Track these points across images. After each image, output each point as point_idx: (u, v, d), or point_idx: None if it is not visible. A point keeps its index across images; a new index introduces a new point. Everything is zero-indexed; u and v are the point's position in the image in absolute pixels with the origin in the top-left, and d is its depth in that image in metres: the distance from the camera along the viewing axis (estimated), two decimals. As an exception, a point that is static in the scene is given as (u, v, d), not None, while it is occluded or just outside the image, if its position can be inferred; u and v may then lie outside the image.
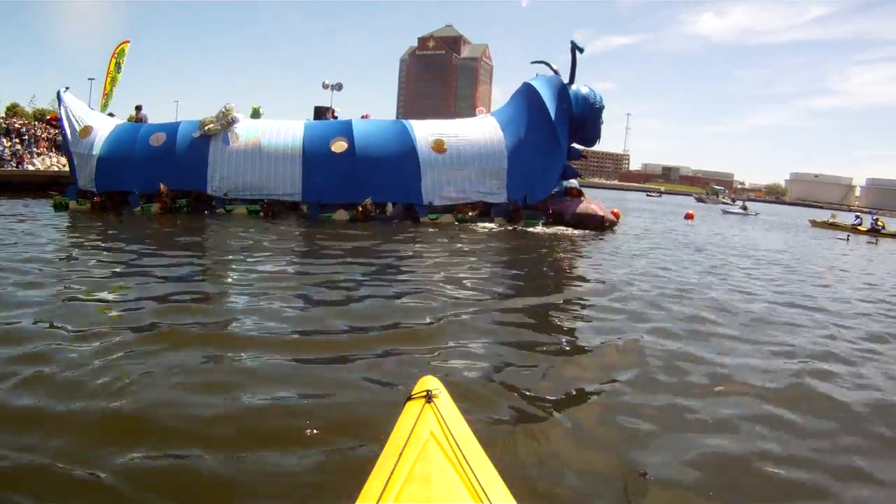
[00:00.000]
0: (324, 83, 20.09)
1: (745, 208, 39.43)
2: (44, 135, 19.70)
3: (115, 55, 16.73)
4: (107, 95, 16.45)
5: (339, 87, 20.58)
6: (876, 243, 19.56)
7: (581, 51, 13.12)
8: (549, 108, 13.11)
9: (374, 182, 12.41)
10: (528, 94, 13.69)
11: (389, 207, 12.91)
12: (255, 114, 13.95)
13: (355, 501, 1.62)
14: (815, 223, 30.09)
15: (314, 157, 12.42)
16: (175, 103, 59.60)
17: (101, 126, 12.65)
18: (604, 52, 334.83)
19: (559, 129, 13.15)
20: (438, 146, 12.84)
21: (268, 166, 12.41)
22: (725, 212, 37.82)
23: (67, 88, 12.60)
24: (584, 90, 13.43)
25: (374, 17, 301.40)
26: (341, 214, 12.44)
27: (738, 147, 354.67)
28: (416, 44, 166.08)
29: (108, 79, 16.42)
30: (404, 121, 13.87)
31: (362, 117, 14.69)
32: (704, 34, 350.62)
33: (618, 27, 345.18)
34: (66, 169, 15.32)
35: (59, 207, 11.87)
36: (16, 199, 13.21)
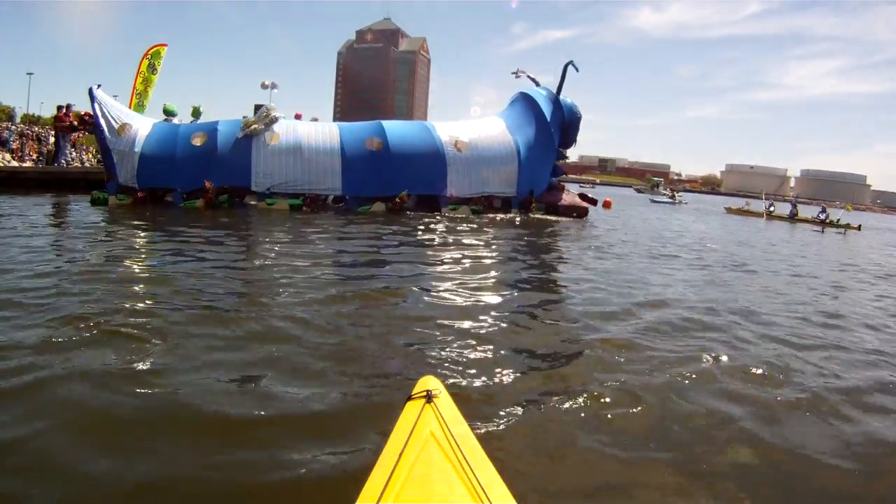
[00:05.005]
0: (262, 83, 20.00)
1: (672, 197, 40.70)
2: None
3: (149, 56, 16.47)
4: (140, 95, 16.21)
5: (275, 86, 20.51)
6: (823, 231, 21.40)
7: (577, 70, 14.38)
8: (546, 114, 14.31)
9: (406, 177, 13.01)
10: (528, 102, 14.85)
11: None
12: (196, 112, 13.89)
13: (355, 501, 1.54)
14: (730, 210, 30.82)
15: (352, 153, 12.90)
16: (114, 97, 56.74)
17: (138, 124, 12.55)
18: (542, 45, 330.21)
19: (554, 133, 14.35)
20: (458, 146, 13.61)
21: (309, 163, 12.74)
22: (654, 200, 39.52)
23: (100, 86, 12.36)
24: (569, 101, 14.82)
25: (310, 11, 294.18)
26: (379, 206, 12.84)
27: (674, 139, 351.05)
28: (353, 37, 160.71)
29: (139, 79, 16.19)
30: (426, 122, 14.76)
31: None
32: (642, 28, 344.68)
33: (555, 21, 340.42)
34: (14, 164, 15.07)
35: (97, 202, 11.72)
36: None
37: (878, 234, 26.15)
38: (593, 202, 15.61)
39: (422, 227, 10.70)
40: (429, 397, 1.84)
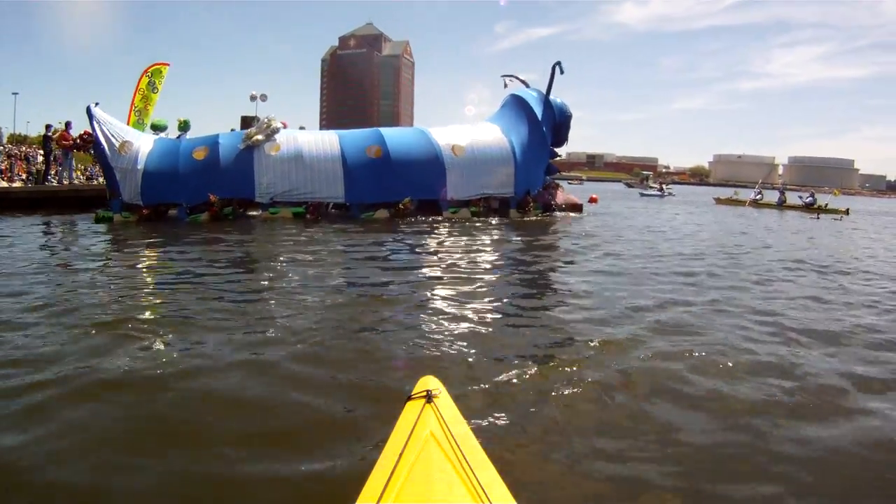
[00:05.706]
0: (251, 95, 19.96)
1: (661, 190, 40.79)
2: None
3: (149, 74, 16.37)
4: (139, 112, 16.13)
5: (264, 97, 20.42)
6: (818, 218, 21.34)
7: (562, 72, 14.41)
8: (538, 115, 14.39)
9: (407, 182, 13.03)
10: (520, 105, 14.91)
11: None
12: (183, 126, 13.91)
13: (355, 501, 1.53)
14: (718, 200, 30.41)
15: (353, 161, 12.94)
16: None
17: (140, 141, 12.50)
18: (526, 43, 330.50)
19: (546, 132, 14.46)
20: (456, 150, 13.64)
21: (311, 171, 12.77)
22: (643, 194, 39.83)
23: (97, 104, 12.23)
24: (559, 101, 14.92)
25: (293, 19, 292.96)
26: (382, 213, 12.88)
27: (661, 132, 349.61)
28: (336, 44, 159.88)
29: (139, 96, 16.13)
30: (423, 128, 14.71)
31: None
32: (625, 23, 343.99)
33: (539, 19, 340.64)
34: (4, 184, 14.70)
35: (101, 220, 11.64)
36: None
37: (872, 217, 25.97)
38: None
39: (423, 232, 10.71)
40: (429, 397, 1.82)
